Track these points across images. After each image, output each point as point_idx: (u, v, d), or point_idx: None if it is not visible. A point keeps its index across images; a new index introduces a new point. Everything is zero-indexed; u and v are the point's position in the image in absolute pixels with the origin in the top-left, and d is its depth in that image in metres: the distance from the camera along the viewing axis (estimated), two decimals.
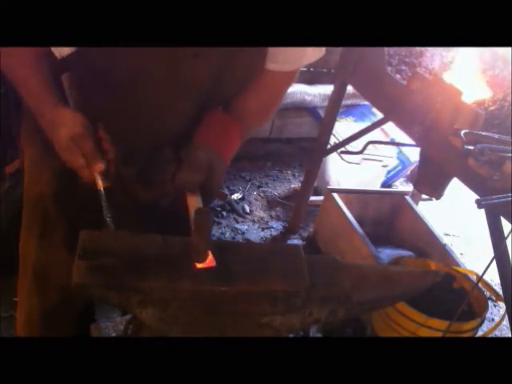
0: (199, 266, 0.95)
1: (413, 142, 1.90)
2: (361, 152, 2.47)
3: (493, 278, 2.24)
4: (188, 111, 1.15)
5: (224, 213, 2.76)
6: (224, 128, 1.14)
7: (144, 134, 1.15)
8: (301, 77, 3.15)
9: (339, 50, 2.41)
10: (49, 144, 1.18)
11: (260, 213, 2.87)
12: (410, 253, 2.41)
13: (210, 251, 0.96)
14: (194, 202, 1.04)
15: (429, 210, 2.81)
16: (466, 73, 1.97)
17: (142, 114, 1.13)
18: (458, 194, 2.33)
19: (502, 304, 2.38)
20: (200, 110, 1.15)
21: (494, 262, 1.42)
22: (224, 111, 1.17)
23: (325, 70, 3.31)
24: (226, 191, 2.87)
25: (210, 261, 0.95)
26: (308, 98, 3.20)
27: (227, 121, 1.15)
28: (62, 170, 1.19)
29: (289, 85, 1.22)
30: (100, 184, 1.02)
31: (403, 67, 2.24)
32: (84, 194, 1.21)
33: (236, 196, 2.93)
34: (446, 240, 2.43)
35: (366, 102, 3.00)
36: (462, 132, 1.58)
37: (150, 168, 1.22)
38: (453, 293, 1.88)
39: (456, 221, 3.16)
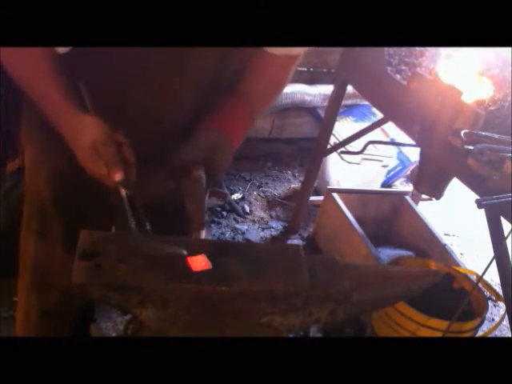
0: (195, 269, 0.95)
1: (413, 142, 1.90)
2: (361, 152, 2.47)
3: (493, 278, 2.24)
4: (190, 100, 1.16)
5: (224, 213, 2.76)
6: (231, 110, 1.15)
7: (145, 126, 1.15)
8: (301, 77, 3.18)
9: (339, 49, 2.41)
10: (48, 142, 1.19)
11: (260, 213, 2.87)
12: (410, 253, 2.41)
13: (204, 254, 0.96)
14: None
15: (429, 210, 2.81)
16: (466, 73, 1.97)
17: (143, 105, 1.13)
18: (458, 194, 2.33)
19: (502, 304, 2.38)
20: (202, 100, 1.15)
21: (494, 261, 1.42)
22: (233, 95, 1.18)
23: (325, 70, 3.31)
24: (226, 191, 2.87)
25: (206, 264, 0.95)
26: (308, 98, 3.20)
27: (234, 104, 1.16)
28: (60, 169, 1.19)
29: (293, 67, 1.21)
30: (122, 192, 1.01)
31: (403, 67, 2.24)
32: (83, 193, 1.21)
33: (236, 196, 2.93)
34: (446, 240, 2.43)
35: (366, 102, 3.00)
36: (462, 132, 1.58)
37: (150, 166, 1.22)
38: (453, 293, 1.88)
39: (456, 221, 3.16)
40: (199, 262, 0.96)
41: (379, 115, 2.48)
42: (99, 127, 1.01)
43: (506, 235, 1.46)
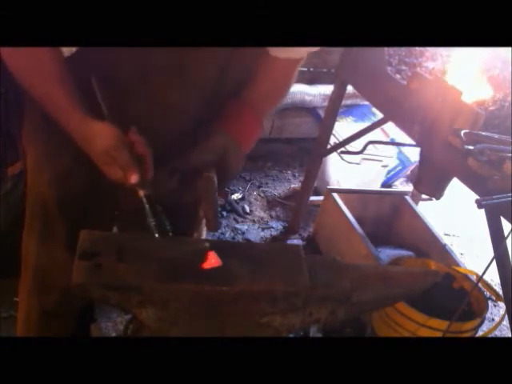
0: (205, 266, 0.95)
1: (413, 142, 1.90)
2: (361, 152, 2.46)
3: (493, 278, 2.24)
4: (192, 105, 1.16)
5: (224, 213, 2.76)
6: (237, 114, 1.17)
7: (149, 130, 1.14)
8: (301, 77, 3.17)
9: (339, 49, 2.41)
10: (50, 143, 1.19)
11: (260, 213, 2.87)
12: (410, 253, 2.41)
13: (213, 251, 0.97)
14: None
15: (429, 210, 2.81)
16: (466, 73, 1.97)
17: (148, 108, 1.13)
18: (458, 194, 2.33)
19: (502, 304, 2.38)
20: (205, 107, 1.16)
21: (494, 261, 1.42)
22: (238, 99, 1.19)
23: (325, 70, 3.31)
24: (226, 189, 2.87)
25: (215, 261, 0.96)
26: (308, 98, 3.20)
27: (240, 108, 1.17)
28: (63, 170, 1.20)
29: (296, 70, 1.23)
30: (140, 193, 1.02)
31: (403, 67, 2.24)
32: (86, 193, 1.21)
33: (236, 196, 2.93)
34: (446, 240, 2.43)
35: (366, 102, 3.00)
36: (462, 132, 1.58)
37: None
38: (453, 293, 1.88)
39: (456, 221, 3.16)
40: (209, 260, 0.96)
41: (379, 115, 2.48)
42: (109, 132, 1.01)
43: (506, 235, 1.46)
